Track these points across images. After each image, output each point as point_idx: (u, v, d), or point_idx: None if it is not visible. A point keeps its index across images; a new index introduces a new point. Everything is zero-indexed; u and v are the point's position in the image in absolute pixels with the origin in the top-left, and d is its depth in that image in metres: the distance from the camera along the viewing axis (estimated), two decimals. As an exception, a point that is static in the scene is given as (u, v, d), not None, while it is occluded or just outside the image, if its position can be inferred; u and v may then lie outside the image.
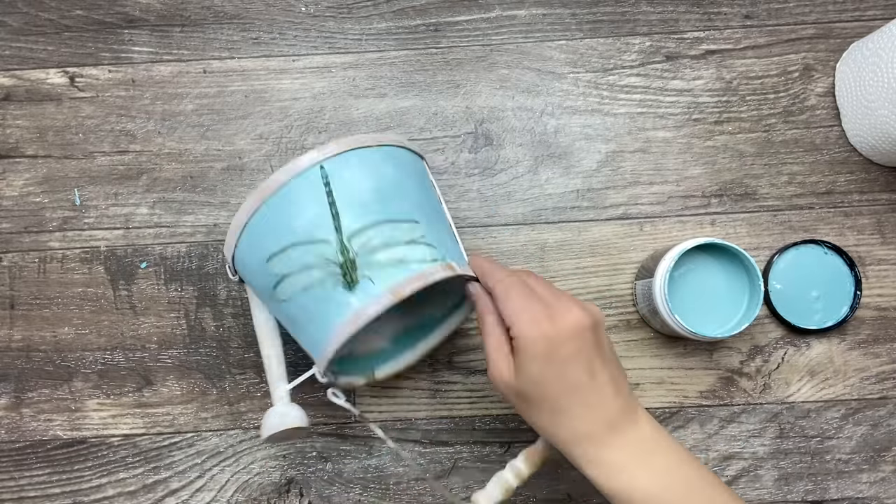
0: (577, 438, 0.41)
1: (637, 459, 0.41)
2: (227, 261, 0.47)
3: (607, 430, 0.41)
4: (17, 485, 0.57)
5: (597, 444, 0.41)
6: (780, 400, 0.57)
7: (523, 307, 0.42)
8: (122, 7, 0.62)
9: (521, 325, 0.41)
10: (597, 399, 0.41)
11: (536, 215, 0.59)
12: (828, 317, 0.57)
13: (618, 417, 0.42)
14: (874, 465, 0.56)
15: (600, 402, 0.41)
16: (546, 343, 0.41)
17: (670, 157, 0.59)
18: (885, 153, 0.56)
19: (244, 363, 0.58)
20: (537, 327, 0.41)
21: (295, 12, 0.62)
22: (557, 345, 0.41)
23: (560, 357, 0.41)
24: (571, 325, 0.41)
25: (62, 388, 0.58)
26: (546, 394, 0.41)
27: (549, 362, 0.41)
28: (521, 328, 0.41)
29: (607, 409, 0.41)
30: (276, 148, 0.60)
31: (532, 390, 0.41)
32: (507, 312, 0.42)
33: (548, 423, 0.42)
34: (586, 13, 0.61)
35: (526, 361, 0.41)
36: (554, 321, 0.41)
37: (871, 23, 0.60)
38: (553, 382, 0.41)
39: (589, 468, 0.41)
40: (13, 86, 0.61)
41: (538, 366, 0.41)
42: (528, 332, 0.41)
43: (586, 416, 0.41)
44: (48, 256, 0.59)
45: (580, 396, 0.41)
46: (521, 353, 0.41)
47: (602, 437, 0.41)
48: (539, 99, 0.60)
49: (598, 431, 0.41)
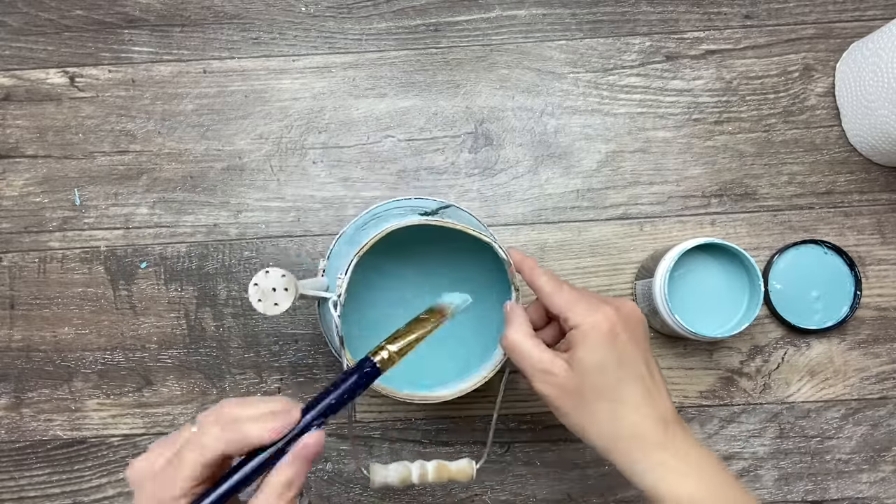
0: (632, 434, 0.40)
1: (685, 464, 0.40)
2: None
3: (662, 429, 0.40)
4: (17, 485, 0.57)
5: (650, 442, 0.40)
6: (780, 400, 0.57)
7: (578, 298, 0.42)
8: (122, 7, 0.62)
9: (580, 312, 0.41)
10: (656, 392, 0.41)
11: (536, 215, 0.59)
12: (828, 317, 0.57)
13: (672, 418, 0.41)
14: (874, 465, 0.56)
15: (659, 396, 0.41)
16: (609, 325, 0.41)
17: (670, 157, 0.59)
18: (885, 153, 0.56)
19: (244, 363, 0.58)
20: (598, 311, 0.41)
21: (295, 12, 0.62)
22: (619, 329, 0.41)
23: (622, 342, 0.41)
24: (629, 311, 0.42)
25: (62, 388, 0.58)
26: (607, 382, 0.40)
27: (612, 346, 0.40)
28: (581, 315, 0.41)
29: (665, 406, 0.41)
30: (276, 148, 0.60)
31: (592, 380, 0.41)
32: (561, 304, 0.42)
33: (605, 417, 0.40)
34: (586, 13, 0.61)
35: (587, 350, 0.41)
36: (612, 306, 0.42)
37: (871, 23, 0.60)
38: (615, 369, 0.40)
39: (637, 467, 0.40)
40: (13, 86, 0.61)
41: (601, 352, 0.40)
42: (589, 318, 0.41)
43: (644, 409, 0.41)
44: (48, 256, 0.59)
45: (642, 385, 0.41)
46: (582, 341, 0.41)
47: (656, 435, 0.40)
48: (539, 99, 0.60)
49: (653, 429, 0.40)
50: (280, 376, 0.58)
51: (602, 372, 0.41)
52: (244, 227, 0.59)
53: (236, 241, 0.59)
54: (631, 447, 0.40)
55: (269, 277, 0.41)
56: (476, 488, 0.57)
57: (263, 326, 0.58)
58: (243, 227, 0.59)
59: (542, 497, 0.57)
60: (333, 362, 0.58)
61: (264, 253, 0.59)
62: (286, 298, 0.41)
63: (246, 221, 0.59)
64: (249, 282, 0.41)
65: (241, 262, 0.59)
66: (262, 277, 0.41)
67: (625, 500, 0.57)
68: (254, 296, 0.41)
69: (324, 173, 0.60)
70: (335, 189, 0.60)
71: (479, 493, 0.57)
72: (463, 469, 0.47)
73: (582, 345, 0.41)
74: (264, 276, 0.41)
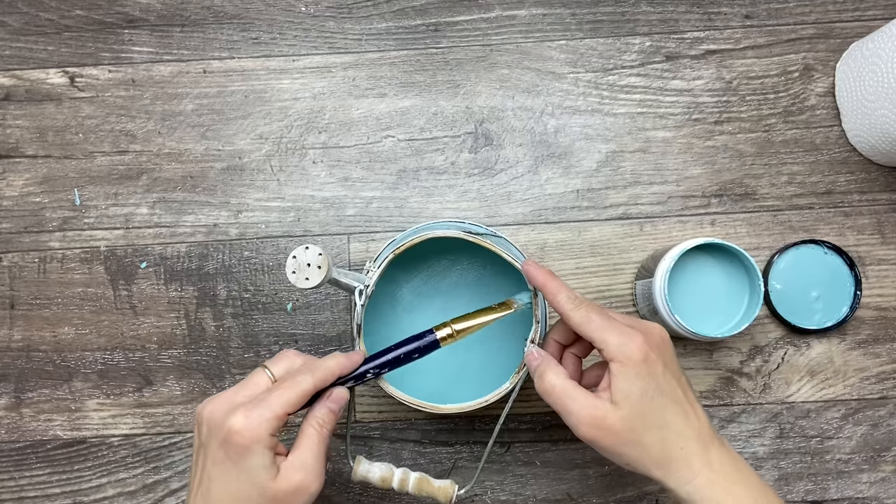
0: (680, 457, 0.41)
1: (726, 479, 0.41)
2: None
3: (703, 448, 0.41)
4: (17, 485, 0.57)
5: (695, 463, 0.41)
6: (780, 400, 0.57)
7: (610, 327, 0.42)
8: (122, 7, 0.62)
9: (613, 343, 0.41)
10: (692, 412, 0.42)
11: (536, 215, 0.59)
12: (828, 317, 0.57)
13: (708, 436, 0.42)
14: (874, 465, 0.56)
15: (695, 416, 0.42)
16: (642, 355, 0.41)
17: (670, 157, 0.59)
18: (885, 153, 0.56)
19: (244, 363, 0.58)
20: (631, 341, 0.41)
21: (295, 12, 0.62)
22: (653, 356, 0.41)
23: (657, 368, 0.41)
24: (658, 336, 0.42)
25: (62, 388, 0.58)
26: (652, 410, 0.41)
27: (650, 374, 0.41)
28: (616, 346, 0.41)
29: (702, 425, 0.42)
30: (276, 148, 0.60)
31: (639, 411, 0.40)
32: (592, 334, 0.42)
33: (655, 445, 0.41)
34: (586, 13, 0.61)
35: (628, 382, 0.41)
36: (641, 333, 0.41)
37: (871, 23, 0.60)
38: (657, 396, 0.41)
39: (685, 488, 0.41)
40: (13, 86, 0.61)
41: (641, 382, 0.40)
42: (624, 349, 0.41)
43: (686, 431, 0.41)
44: (48, 256, 0.59)
45: (680, 409, 0.41)
46: (622, 373, 0.41)
47: (699, 455, 0.41)
48: (539, 99, 0.60)
49: (696, 449, 0.41)
50: (280, 376, 0.58)
51: (646, 400, 0.41)
52: (244, 227, 0.59)
53: (236, 241, 0.59)
54: (680, 468, 0.41)
55: (307, 253, 0.43)
56: (476, 488, 0.57)
57: (263, 326, 0.58)
58: (243, 227, 0.59)
59: (542, 497, 0.57)
60: (333, 362, 0.58)
61: (264, 253, 0.59)
62: (318, 275, 0.43)
63: (246, 221, 0.59)
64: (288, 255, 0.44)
65: (241, 262, 0.59)
66: (301, 252, 0.43)
67: (625, 499, 0.57)
68: (289, 267, 0.43)
69: (324, 173, 0.60)
70: (335, 189, 0.60)
71: (480, 494, 0.57)
72: (444, 489, 0.47)
73: (622, 377, 0.41)
74: (303, 251, 0.43)
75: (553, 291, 0.44)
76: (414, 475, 0.47)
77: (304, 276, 0.43)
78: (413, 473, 0.47)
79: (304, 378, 0.41)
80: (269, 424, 0.39)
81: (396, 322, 0.55)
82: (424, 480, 0.47)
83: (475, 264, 0.55)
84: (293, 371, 0.42)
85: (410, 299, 0.56)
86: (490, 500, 0.57)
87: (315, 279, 0.43)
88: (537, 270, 0.45)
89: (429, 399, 0.47)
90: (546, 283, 0.44)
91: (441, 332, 0.45)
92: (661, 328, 0.43)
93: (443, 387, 0.54)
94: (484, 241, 0.46)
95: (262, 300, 0.59)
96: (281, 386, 0.40)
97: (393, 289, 0.54)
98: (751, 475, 0.42)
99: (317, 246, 0.43)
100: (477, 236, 0.47)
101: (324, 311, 0.58)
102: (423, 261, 0.50)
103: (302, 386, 0.41)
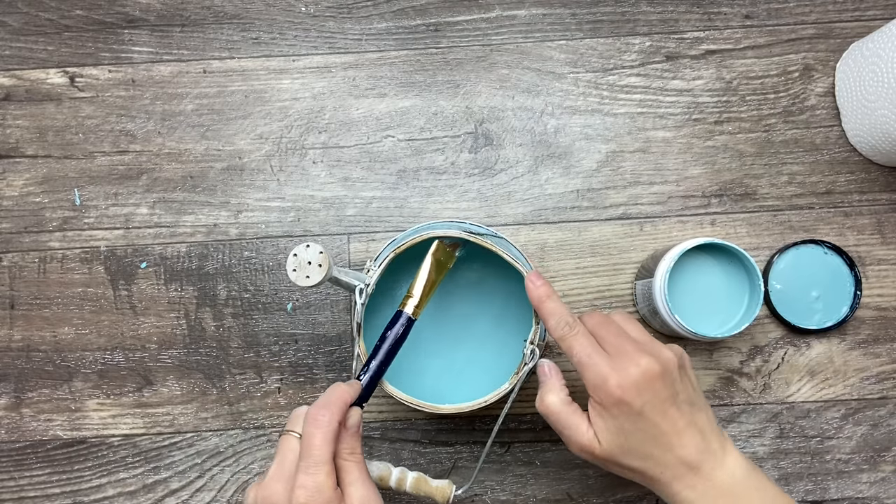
0: (661, 479, 0.43)
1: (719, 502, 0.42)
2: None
3: (685, 471, 0.42)
4: (17, 485, 0.57)
5: (673, 483, 0.42)
6: (780, 400, 0.57)
7: (588, 364, 0.43)
8: (122, 7, 0.62)
9: (590, 382, 0.42)
10: (678, 441, 0.42)
11: (536, 215, 0.59)
12: (828, 317, 0.57)
13: (699, 458, 0.42)
14: (874, 465, 0.56)
15: (681, 444, 0.42)
16: (616, 399, 0.42)
17: (670, 157, 0.59)
18: (885, 153, 0.56)
19: (244, 363, 0.58)
20: (607, 384, 0.42)
21: (295, 12, 0.62)
22: (628, 399, 0.41)
23: (634, 410, 0.42)
24: (636, 378, 0.42)
25: (62, 388, 0.58)
26: (631, 445, 0.42)
27: (625, 415, 0.42)
28: (593, 387, 0.42)
29: (687, 451, 0.42)
30: (276, 148, 0.60)
31: (617, 444, 0.43)
32: (576, 367, 0.44)
33: (637, 469, 0.43)
34: (586, 13, 0.61)
35: (602, 420, 0.43)
36: (617, 372, 0.42)
37: (871, 23, 0.60)
38: (634, 433, 0.42)
39: (671, 499, 0.43)
40: (13, 86, 0.61)
41: (615, 422, 0.42)
42: (598, 392, 0.42)
43: (668, 460, 0.42)
44: (48, 256, 0.59)
45: (663, 439, 0.42)
46: (597, 411, 0.43)
47: (680, 475, 0.42)
48: (539, 99, 0.60)
49: (676, 472, 0.42)
50: (280, 376, 0.58)
51: (623, 437, 0.42)
52: (244, 227, 0.59)
53: (236, 241, 0.59)
54: (663, 488, 0.43)
55: (308, 251, 0.43)
56: (476, 488, 0.57)
57: (263, 326, 0.58)
58: (243, 227, 0.59)
59: (542, 497, 0.57)
60: (333, 363, 0.58)
61: (264, 253, 0.59)
62: (318, 273, 0.43)
63: (246, 221, 0.59)
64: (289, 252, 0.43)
65: (241, 262, 0.59)
66: (302, 250, 0.43)
67: (625, 499, 0.57)
68: (290, 265, 0.43)
69: (324, 173, 0.60)
70: (335, 189, 0.60)
71: (480, 494, 0.57)
72: (442, 489, 0.47)
73: (597, 415, 0.43)
74: (304, 249, 0.43)
75: (545, 316, 0.45)
76: (412, 475, 0.47)
77: (305, 275, 0.43)
78: (411, 473, 0.47)
79: (327, 423, 0.41)
80: (328, 485, 0.39)
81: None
82: (422, 480, 0.47)
83: (476, 264, 0.55)
84: (311, 420, 0.42)
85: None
86: (490, 500, 0.57)
87: (315, 277, 0.43)
88: (534, 290, 0.46)
89: (429, 399, 0.47)
90: (539, 305, 0.45)
91: (406, 307, 0.46)
92: (655, 356, 0.43)
93: (443, 386, 0.54)
94: (484, 240, 0.46)
95: (262, 300, 0.59)
96: (313, 442, 0.41)
97: (393, 288, 0.54)
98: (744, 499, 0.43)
99: (318, 244, 0.43)
100: (477, 236, 0.47)
101: (324, 311, 0.58)
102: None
103: (331, 431, 0.41)
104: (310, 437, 0.41)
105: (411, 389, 0.48)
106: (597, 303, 0.58)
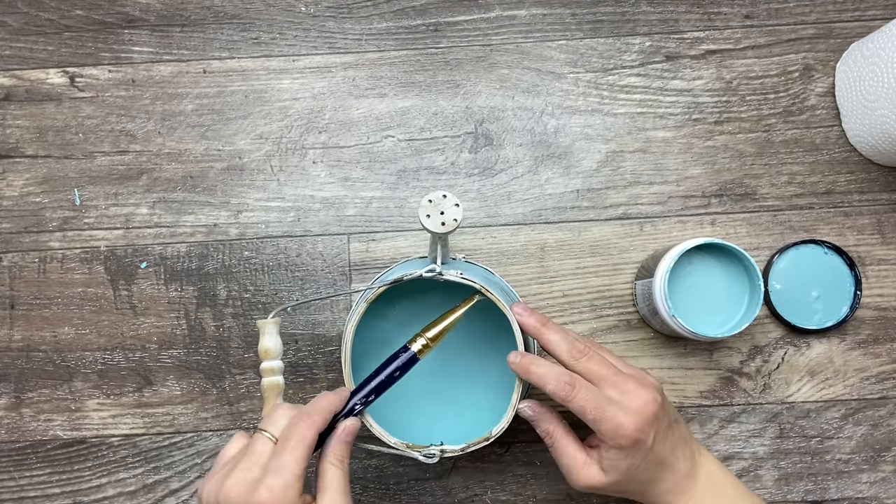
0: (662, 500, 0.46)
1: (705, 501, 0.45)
2: None
3: (684, 479, 0.46)
4: (17, 485, 0.57)
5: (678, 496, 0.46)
6: (780, 400, 0.57)
7: (602, 418, 0.43)
8: (122, 7, 0.62)
9: (605, 429, 0.43)
10: (675, 462, 0.45)
11: (536, 215, 0.59)
12: (828, 317, 0.57)
13: (692, 469, 0.46)
14: (874, 465, 0.56)
15: (673, 469, 0.45)
16: (633, 440, 0.43)
17: (670, 157, 0.59)
18: (885, 153, 0.56)
19: (244, 363, 0.58)
20: (623, 428, 0.43)
21: (295, 12, 0.62)
22: (643, 435, 0.43)
23: (648, 443, 0.43)
24: (649, 417, 0.43)
25: (62, 388, 0.58)
26: (637, 475, 0.44)
27: (640, 451, 0.43)
28: (609, 431, 0.43)
29: (677, 476, 0.45)
30: (276, 148, 0.60)
31: (625, 477, 0.44)
32: (583, 416, 0.44)
33: (638, 493, 0.46)
34: (586, 13, 0.61)
35: (617, 460, 0.44)
36: (631, 416, 0.43)
37: (871, 23, 0.60)
38: (643, 465, 0.44)
39: None
40: (13, 86, 0.61)
41: (630, 460, 0.43)
42: (614, 437, 0.43)
43: (667, 483, 0.45)
44: (48, 256, 0.59)
45: (664, 465, 0.45)
46: (612, 452, 0.44)
47: (678, 493, 0.46)
48: (539, 99, 0.60)
49: (681, 486, 0.46)
50: (280, 376, 0.58)
51: (632, 471, 0.44)
52: (244, 227, 0.59)
53: (236, 241, 0.59)
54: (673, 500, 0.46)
55: (445, 200, 0.43)
56: (476, 488, 0.57)
57: (263, 326, 0.58)
58: (243, 227, 0.59)
59: (542, 497, 0.57)
60: (333, 363, 0.58)
61: (264, 253, 0.59)
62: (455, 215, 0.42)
63: (246, 221, 0.59)
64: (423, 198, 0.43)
65: (241, 262, 0.59)
66: (439, 197, 0.43)
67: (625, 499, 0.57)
68: (423, 209, 0.42)
69: (324, 173, 0.60)
70: (335, 189, 0.60)
71: (480, 493, 0.57)
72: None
73: (612, 456, 0.44)
74: (441, 199, 0.43)
75: (539, 384, 0.45)
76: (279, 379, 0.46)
77: (440, 221, 0.42)
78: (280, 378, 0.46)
79: (306, 429, 0.41)
80: (295, 489, 0.39)
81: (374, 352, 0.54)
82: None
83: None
84: (291, 424, 0.41)
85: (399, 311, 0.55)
86: (490, 500, 0.57)
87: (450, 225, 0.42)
88: (517, 363, 0.45)
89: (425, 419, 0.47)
90: (528, 375, 0.45)
91: (415, 344, 0.45)
92: (649, 387, 0.44)
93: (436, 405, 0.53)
94: (497, 299, 0.46)
95: (262, 300, 0.59)
96: (287, 445, 0.40)
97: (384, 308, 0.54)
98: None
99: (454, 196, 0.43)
100: (491, 292, 0.46)
101: (324, 310, 0.58)
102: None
103: (308, 438, 0.40)
104: (286, 440, 0.40)
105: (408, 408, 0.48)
106: (597, 303, 0.58)
